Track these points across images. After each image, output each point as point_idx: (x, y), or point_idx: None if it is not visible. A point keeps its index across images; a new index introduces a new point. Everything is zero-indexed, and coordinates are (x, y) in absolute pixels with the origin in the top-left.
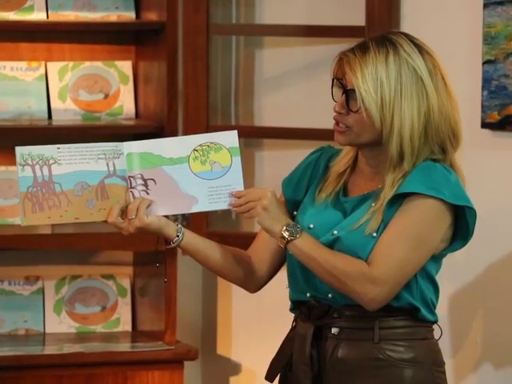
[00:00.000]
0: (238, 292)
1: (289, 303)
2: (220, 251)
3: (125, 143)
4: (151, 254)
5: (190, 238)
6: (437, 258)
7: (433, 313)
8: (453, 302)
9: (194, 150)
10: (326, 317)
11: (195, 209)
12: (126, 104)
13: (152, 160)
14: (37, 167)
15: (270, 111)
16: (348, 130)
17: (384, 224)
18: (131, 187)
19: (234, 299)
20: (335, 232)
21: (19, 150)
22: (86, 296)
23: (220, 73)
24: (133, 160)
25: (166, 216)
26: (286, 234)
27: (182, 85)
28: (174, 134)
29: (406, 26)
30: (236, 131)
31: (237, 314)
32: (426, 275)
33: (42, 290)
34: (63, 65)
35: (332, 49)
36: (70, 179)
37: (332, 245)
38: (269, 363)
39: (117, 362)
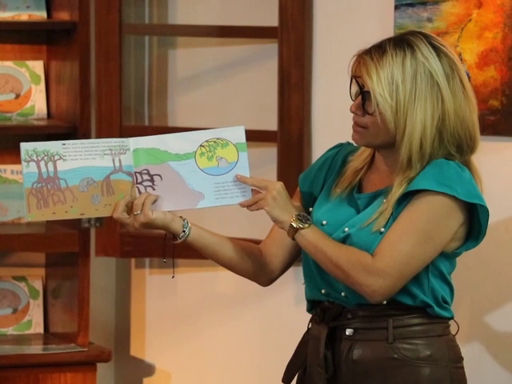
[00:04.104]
0: (151, 293)
1: (204, 306)
2: (229, 245)
3: (131, 139)
4: (64, 256)
5: (197, 233)
6: (449, 257)
7: (447, 310)
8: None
9: (201, 145)
10: (340, 318)
11: (201, 205)
12: (37, 104)
13: (158, 156)
14: (42, 163)
15: (183, 112)
16: (364, 130)
17: (393, 220)
18: (137, 183)
19: (148, 300)
20: (346, 229)
21: (24, 145)
22: None
23: (133, 73)
24: (139, 156)
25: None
26: (294, 224)
27: (95, 85)
28: (86, 134)
29: (319, 27)
30: (243, 127)
31: (151, 315)
32: (438, 274)
33: None
34: None
35: (245, 49)
36: (75, 175)
37: (343, 242)
38: (183, 363)
39: (29, 364)
